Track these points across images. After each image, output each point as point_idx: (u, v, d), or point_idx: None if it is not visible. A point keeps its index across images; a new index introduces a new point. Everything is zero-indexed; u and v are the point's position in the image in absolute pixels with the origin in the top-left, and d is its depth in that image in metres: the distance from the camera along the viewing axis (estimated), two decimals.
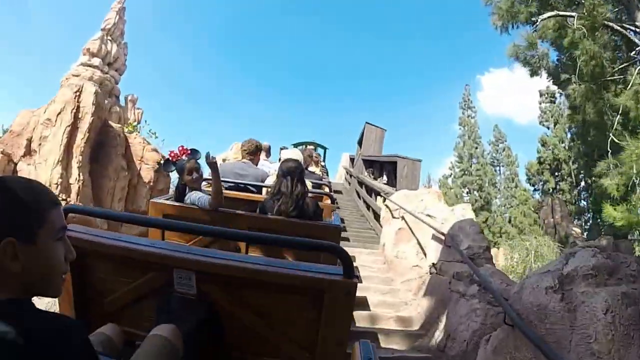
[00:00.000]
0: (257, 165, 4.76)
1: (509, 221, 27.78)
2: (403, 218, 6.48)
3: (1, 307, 0.87)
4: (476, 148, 33.21)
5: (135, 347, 1.57)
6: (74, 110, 11.08)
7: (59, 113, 11.02)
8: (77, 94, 11.37)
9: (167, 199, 3.48)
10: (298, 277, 1.69)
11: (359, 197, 12.57)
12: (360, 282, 3.51)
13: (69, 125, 10.89)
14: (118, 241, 1.85)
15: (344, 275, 1.66)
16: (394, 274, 6.13)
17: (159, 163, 12.69)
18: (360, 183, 12.73)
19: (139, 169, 13.25)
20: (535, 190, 29.15)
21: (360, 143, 17.49)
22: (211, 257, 1.80)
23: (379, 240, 7.67)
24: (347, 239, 7.99)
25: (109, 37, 34.04)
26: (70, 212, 1.83)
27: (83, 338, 0.96)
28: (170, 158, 3.36)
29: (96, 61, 32.90)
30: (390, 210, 7.26)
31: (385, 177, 12.91)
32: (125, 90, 35.73)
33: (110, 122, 13.13)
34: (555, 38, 9.13)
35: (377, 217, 9.28)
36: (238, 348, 1.89)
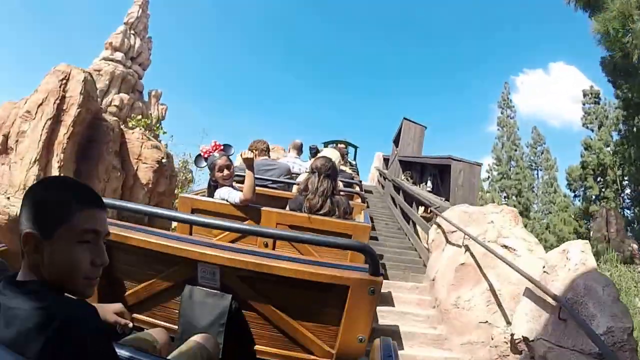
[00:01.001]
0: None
1: (547, 228, 25.52)
2: (467, 249, 4.63)
3: (33, 285, 0.94)
4: (515, 150, 31.28)
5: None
6: (58, 101, 9.00)
7: (40, 104, 8.87)
8: (63, 82, 9.20)
9: (197, 194, 3.43)
10: (322, 274, 1.68)
11: (395, 204, 10.94)
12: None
13: (50, 119, 8.88)
14: (144, 234, 1.86)
15: (370, 272, 1.65)
16: (449, 330, 4.32)
17: (159, 162, 11.67)
18: (397, 188, 11.08)
19: (135, 168, 11.17)
20: (575, 196, 27.13)
21: (396, 142, 15.08)
22: (236, 252, 1.80)
23: (424, 267, 6.25)
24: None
25: (132, 31, 32.80)
26: None
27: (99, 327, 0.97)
28: (202, 153, 3.32)
29: (119, 55, 31.84)
30: (444, 232, 5.41)
31: (429, 184, 10.29)
32: (149, 86, 33.74)
33: (104, 114, 10.86)
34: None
35: (418, 230, 8.09)
36: (259, 343, 1.88)
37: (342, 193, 3.63)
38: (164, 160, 11.82)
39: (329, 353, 1.81)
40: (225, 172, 3.26)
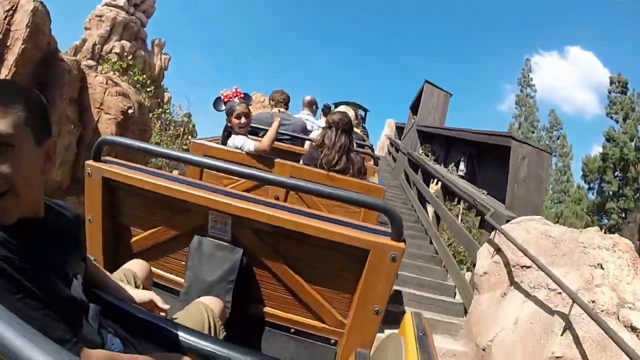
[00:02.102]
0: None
1: (557, 219, 23.18)
2: (568, 324, 2.67)
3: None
4: (533, 132, 29.42)
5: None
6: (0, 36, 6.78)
7: None
8: (9, 13, 6.97)
9: (210, 141, 3.32)
10: (343, 235, 1.54)
11: (410, 184, 9.49)
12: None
13: None
14: (153, 177, 1.72)
15: (392, 236, 1.51)
16: None
17: (124, 113, 9.73)
18: (414, 165, 9.62)
19: (96, 120, 8.91)
20: (590, 189, 25.10)
21: (414, 109, 12.80)
22: (251, 202, 1.66)
23: (455, 298, 4.67)
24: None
25: None
26: (103, 144, 1.77)
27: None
28: (222, 97, 3.22)
29: (121, 1, 28.91)
30: (508, 263, 3.43)
31: (462, 167, 7.88)
32: (153, 34, 31.31)
33: (62, 54, 8.59)
34: None
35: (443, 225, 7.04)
36: (268, 304, 1.78)
37: (357, 152, 3.48)
38: (130, 111, 9.56)
39: (341, 323, 1.69)
40: (243, 119, 3.18)
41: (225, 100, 3.20)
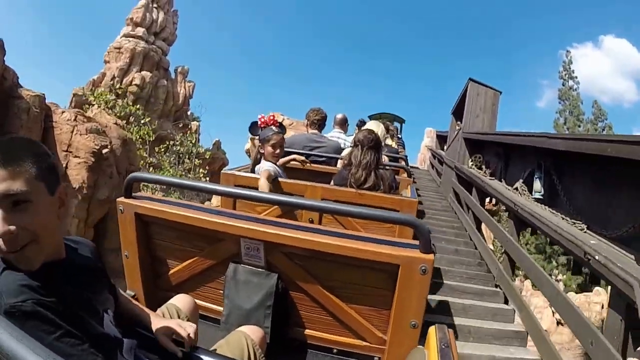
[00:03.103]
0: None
1: None
2: None
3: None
4: (579, 127, 26.73)
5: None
6: None
7: None
8: None
9: (239, 170, 3.39)
10: (371, 252, 1.56)
11: (462, 205, 7.83)
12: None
13: None
14: (183, 209, 1.78)
15: (420, 249, 1.52)
16: None
17: (96, 154, 8.31)
18: (466, 182, 7.89)
19: (65, 164, 6.92)
20: None
21: (457, 113, 10.41)
22: (280, 227, 1.69)
23: None
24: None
25: (155, 5, 29.07)
26: (135, 181, 1.83)
27: None
28: (260, 122, 3.21)
29: (140, 31, 28.08)
30: None
31: (538, 186, 5.29)
32: (177, 62, 30.15)
33: (21, 89, 6.65)
34: None
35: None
36: (308, 327, 1.79)
37: (387, 168, 3.43)
38: (105, 151, 7.60)
39: (382, 340, 1.68)
40: (278, 150, 3.16)
41: (262, 125, 3.18)
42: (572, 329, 3.24)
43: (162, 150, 13.00)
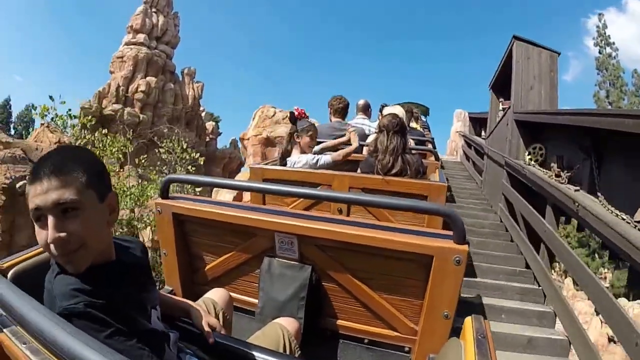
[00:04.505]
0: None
1: None
2: None
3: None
4: (623, 99, 23.49)
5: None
6: None
7: None
8: None
9: (267, 164, 3.42)
10: (405, 242, 1.55)
11: (519, 226, 5.36)
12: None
13: None
14: (218, 207, 1.82)
15: (454, 239, 1.49)
16: None
17: (5, 189, 6.48)
18: (530, 188, 5.22)
19: None
20: None
21: (500, 87, 7.13)
22: (313, 220, 1.71)
23: None
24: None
25: (154, 9, 26.79)
26: (171, 182, 1.91)
27: None
28: (296, 113, 3.30)
29: (141, 37, 25.73)
30: None
31: None
32: (183, 64, 28.35)
33: None
34: None
35: None
36: (341, 317, 1.81)
37: (413, 152, 3.36)
38: (20, 184, 5.29)
39: (414, 330, 1.68)
40: (313, 142, 3.32)
41: (298, 117, 3.28)
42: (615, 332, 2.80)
43: (144, 161, 10.71)
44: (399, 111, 4.06)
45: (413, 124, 6.21)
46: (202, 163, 13.31)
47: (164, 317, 1.24)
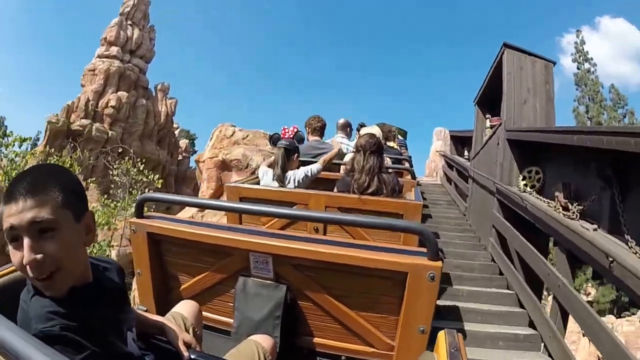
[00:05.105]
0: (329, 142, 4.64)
1: None
2: None
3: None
4: (603, 114, 23.44)
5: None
6: None
7: None
8: None
9: (244, 182, 3.43)
10: (379, 260, 1.56)
11: (516, 267, 4.47)
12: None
13: None
14: (193, 227, 1.82)
15: (428, 256, 1.52)
16: None
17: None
18: (531, 224, 4.19)
19: None
20: None
21: (486, 102, 5.94)
22: (287, 239, 1.72)
23: None
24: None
25: (129, 22, 25.53)
26: (145, 201, 1.89)
27: None
28: (282, 134, 3.37)
29: (114, 50, 24.49)
30: None
31: None
32: (157, 79, 27.30)
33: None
34: None
35: None
36: (317, 335, 1.79)
37: (389, 171, 3.42)
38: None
39: (390, 345, 1.68)
40: (297, 162, 3.36)
41: (285, 136, 3.34)
42: None
43: (93, 182, 9.56)
44: (376, 131, 4.10)
45: (390, 143, 5.99)
46: (159, 186, 12.11)
47: (139, 334, 1.23)
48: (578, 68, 24.94)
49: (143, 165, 12.84)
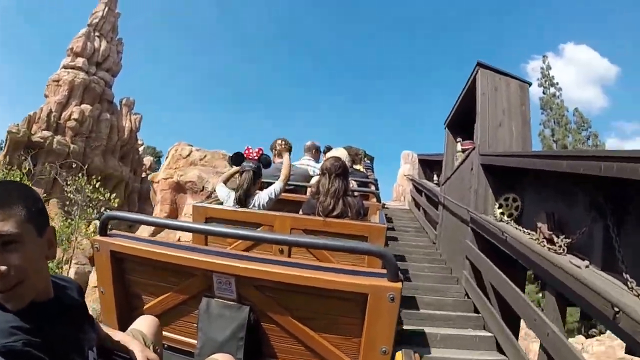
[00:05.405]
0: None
1: None
2: None
3: None
4: (567, 137, 23.63)
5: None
6: None
7: None
8: None
9: (210, 203, 3.37)
10: (340, 282, 1.59)
11: (490, 302, 4.14)
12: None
13: None
14: (157, 246, 1.82)
15: (388, 277, 1.55)
16: None
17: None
18: (500, 254, 4.00)
19: None
20: None
21: (457, 125, 5.51)
22: (250, 261, 1.74)
23: None
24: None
25: (97, 33, 24.67)
26: (110, 219, 1.89)
27: None
28: (246, 154, 3.29)
29: (80, 61, 23.45)
30: None
31: None
32: (123, 93, 26.47)
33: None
34: None
35: None
36: (280, 357, 1.80)
37: (355, 193, 3.47)
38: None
39: None
40: (259, 184, 3.37)
41: (249, 157, 3.29)
42: None
43: (52, 197, 8.88)
44: (342, 154, 4.16)
45: (357, 166, 6.03)
46: (116, 205, 11.37)
47: (102, 351, 1.24)
48: (544, 92, 25.35)
49: (99, 182, 12.04)
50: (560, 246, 3.17)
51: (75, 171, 17.17)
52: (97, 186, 11.18)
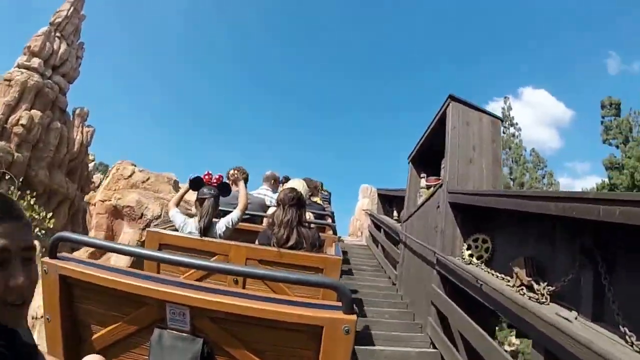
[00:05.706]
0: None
1: None
2: None
3: None
4: (525, 174, 23.62)
5: None
6: None
7: None
8: None
9: (164, 228, 3.29)
10: (295, 314, 1.58)
11: (458, 348, 3.79)
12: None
13: None
14: (109, 272, 1.74)
15: (343, 310, 1.55)
16: None
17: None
18: (474, 302, 3.70)
19: None
20: None
21: (423, 159, 5.05)
22: (206, 292, 1.69)
23: None
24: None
25: (58, 34, 23.23)
26: (60, 241, 1.80)
27: None
28: (205, 179, 3.20)
29: (36, 62, 21.91)
30: None
31: None
32: (77, 102, 26.47)
33: None
34: None
35: None
36: None
37: (311, 225, 3.46)
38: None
39: None
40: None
41: (208, 182, 3.21)
42: None
43: None
44: (298, 184, 4.12)
45: (315, 198, 5.98)
46: (51, 226, 10.25)
47: None
48: (504, 132, 26.44)
49: (35, 198, 10.84)
50: (543, 294, 2.84)
51: (8, 183, 15.68)
52: (31, 202, 10.03)
